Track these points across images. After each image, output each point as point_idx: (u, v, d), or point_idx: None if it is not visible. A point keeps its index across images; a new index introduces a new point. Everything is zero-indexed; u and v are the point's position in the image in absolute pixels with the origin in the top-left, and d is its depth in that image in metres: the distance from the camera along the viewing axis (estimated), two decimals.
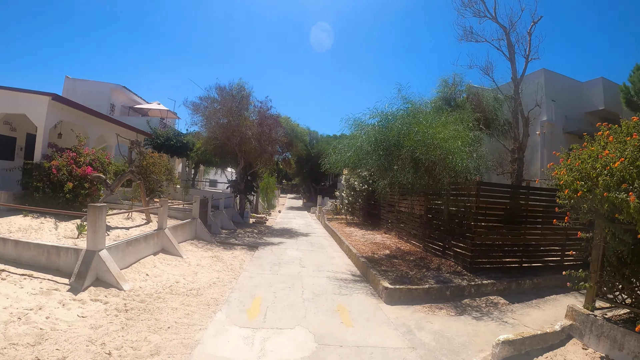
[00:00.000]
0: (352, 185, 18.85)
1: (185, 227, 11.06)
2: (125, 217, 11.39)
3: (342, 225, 18.14)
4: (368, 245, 12.14)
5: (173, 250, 9.27)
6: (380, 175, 11.10)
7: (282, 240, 13.67)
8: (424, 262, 9.81)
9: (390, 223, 15.38)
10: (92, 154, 12.33)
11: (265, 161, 18.42)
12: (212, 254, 10.12)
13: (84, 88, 27.78)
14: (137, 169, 17.29)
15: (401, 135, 9.19)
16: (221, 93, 16.01)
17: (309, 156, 38.69)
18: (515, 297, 8.05)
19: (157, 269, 7.92)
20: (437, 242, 10.71)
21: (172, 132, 23.35)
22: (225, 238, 12.96)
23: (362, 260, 9.46)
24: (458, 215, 9.78)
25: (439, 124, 9.33)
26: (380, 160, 8.90)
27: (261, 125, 16.07)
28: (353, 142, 9.38)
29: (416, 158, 8.92)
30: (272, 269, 8.91)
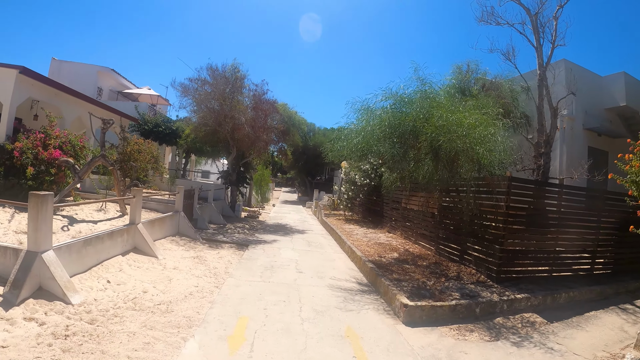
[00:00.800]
0: (353, 180, 17.45)
1: (164, 222, 9.62)
2: (98, 209, 9.94)
3: (341, 222, 16.77)
4: (372, 246, 10.76)
5: (147, 250, 7.85)
6: (390, 168, 9.73)
7: (275, 238, 12.27)
8: (439, 269, 8.48)
9: (395, 221, 14.02)
10: (64, 136, 10.84)
11: (260, 150, 16.95)
12: (194, 253, 8.70)
13: (70, 70, 26.15)
14: (120, 155, 15.99)
15: (419, 120, 7.82)
16: (213, 74, 14.52)
17: (306, 148, 37.32)
18: (552, 315, 6.79)
19: (123, 273, 6.49)
20: (453, 245, 9.36)
21: (162, 118, 21.86)
22: (212, 234, 11.53)
23: (370, 265, 8.08)
24: (482, 215, 8.43)
25: (466, 108, 7.96)
26: (395, 149, 7.50)
27: (256, 110, 14.59)
28: (363, 126, 7.97)
29: (437, 147, 7.55)
30: (264, 274, 7.50)
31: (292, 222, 18.23)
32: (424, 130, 7.60)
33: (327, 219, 17.64)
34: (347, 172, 18.55)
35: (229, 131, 15.10)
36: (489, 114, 8.24)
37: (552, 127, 11.45)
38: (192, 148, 21.31)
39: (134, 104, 22.86)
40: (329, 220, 17.37)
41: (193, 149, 21.55)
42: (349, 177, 18.04)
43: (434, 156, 7.77)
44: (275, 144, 17.63)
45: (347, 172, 18.42)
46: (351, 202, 18.27)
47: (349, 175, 18.08)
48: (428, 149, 7.68)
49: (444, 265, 8.85)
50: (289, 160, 23.78)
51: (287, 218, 19.98)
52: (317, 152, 39.11)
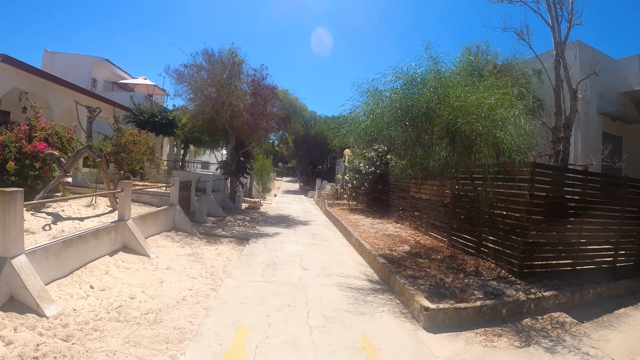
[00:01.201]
0: (357, 168, 16.75)
1: (158, 217, 8.97)
2: (87, 204, 9.29)
3: (345, 212, 16.11)
4: (381, 238, 10.12)
5: (137, 248, 7.21)
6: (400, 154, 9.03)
7: (277, 231, 11.62)
8: (456, 263, 7.84)
9: (402, 211, 13.36)
10: (51, 128, 10.15)
11: (259, 139, 16.22)
12: (190, 250, 8.06)
13: (63, 62, 25.42)
14: (114, 147, 15.31)
15: (433, 102, 7.10)
16: (209, 60, 13.73)
17: (307, 137, 36.63)
18: (581, 313, 6.21)
19: (109, 276, 5.85)
20: (469, 236, 8.71)
21: (158, 108, 21.13)
22: (210, 228, 10.88)
23: (382, 260, 7.43)
24: (502, 205, 7.76)
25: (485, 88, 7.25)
26: (407, 133, 6.79)
27: (255, 96, 13.82)
28: (371, 109, 7.25)
29: (454, 130, 6.85)
30: (266, 272, 6.85)
31: (295, 212, 17.59)
32: (440, 112, 6.90)
33: (331, 209, 17.00)
34: (350, 160, 17.85)
35: (227, 119, 14.37)
36: (510, 94, 7.54)
37: (572, 110, 10.71)
38: (190, 138, 20.59)
39: (129, 94, 22.13)
40: (332, 210, 16.72)
41: (191, 139, 20.84)
42: (353, 165, 17.34)
43: (450, 141, 7.07)
44: (275, 132, 16.89)
45: (351, 160, 17.71)
46: (355, 191, 17.60)
47: (353, 164, 17.38)
48: (443, 132, 6.99)
49: (460, 259, 8.22)
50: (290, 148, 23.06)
51: (289, 208, 19.34)
52: (319, 141, 38.58)
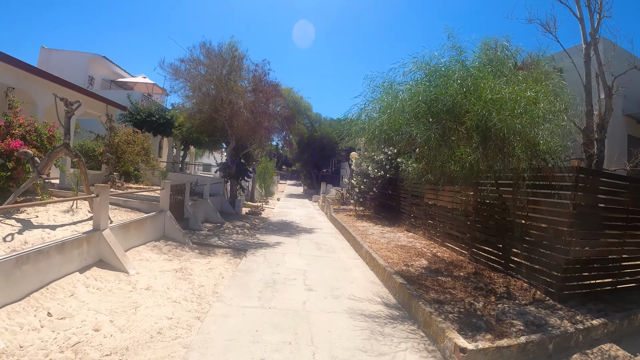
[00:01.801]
0: (365, 172, 15.71)
1: (144, 225, 7.96)
2: (67, 210, 8.32)
3: (352, 219, 15.06)
4: (394, 250, 9.07)
5: (114, 263, 6.20)
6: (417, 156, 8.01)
7: (279, 240, 10.58)
8: (483, 282, 6.80)
9: (415, 219, 12.30)
10: (30, 125, 9.20)
11: (261, 139, 15.19)
12: (178, 264, 7.04)
13: (59, 59, 24.59)
14: (107, 147, 14.36)
15: (460, 95, 6.07)
16: (208, 54, 12.75)
17: (311, 140, 35.72)
18: (632, 344, 5.25)
19: (74, 300, 4.85)
20: (495, 250, 7.66)
21: (155, 107, 20.18)
22: (205, 237, 9.86)
23: (399, 280, 6.37)
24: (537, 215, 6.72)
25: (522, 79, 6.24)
26: (431, 130, 5.74)
27: (256, 92, 12.80)
28: (389, 102, 6.21)
29: (487, 128, 5.82)
30: (263, 295, 5.79)
31: (298, 218, 16.54)
32: (469, 106, 5.86)
33: (337, 215, 15.95)
34: (358, 163, 16.81)
35: (226, 118, 13.38)
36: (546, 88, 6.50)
37: (607, 109, 9.67)
38: (188, 138, 19.60)
39: (126, 93, 21.19)
40: (338, 216, 15.68)
41: (189, 139, 19.86)
42: (361, 169, 16.30)
43: (482, 140, 6.02)
44: (278, 132, 15.84)
45: (359, 163, 16.68)
46: (363, 197, 16.55)
47: (361, 167, 16.34)
48: (474, 131, 5.94)
49: (486, 277, 7.18)
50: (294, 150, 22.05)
51: (293, 214, 18.30)
52: (323, 144, 37.63)
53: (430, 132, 5.72)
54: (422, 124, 5.89)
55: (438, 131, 5.83)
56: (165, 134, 19.60)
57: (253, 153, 17.80)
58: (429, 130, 5.74)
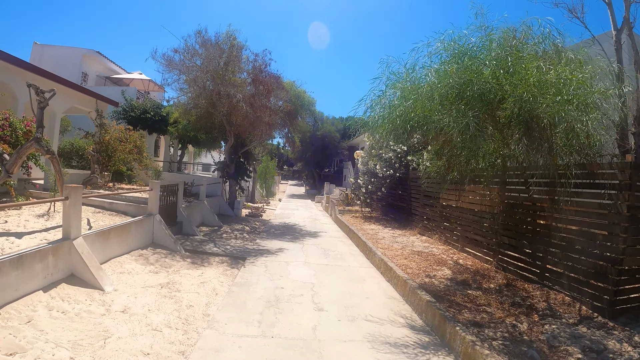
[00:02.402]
0: (372, 171, 14.70)
1: (128, 231, 6.97)
2: (42, 214, 7.36)
3: (359, 221, 14.07)
4: (410, 257, 8.09)
5: (88, 277, 5.23)
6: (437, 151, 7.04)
7: (282, 246, 9.58)
8: (519, 296, 5.83)
9: (429, 221, 11.31)
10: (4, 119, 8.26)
11: (262, 136, 14.19)
12: (165, 277, 6.05)
13: (52, 55, 23.67)
14: (97, 145, 13.39)
15: (495, 79, 5.10)
16: (204, 44, 11.76)
17: (313, 139, 34.84)
18: None
19: (31, 328, 3.87)
20: (528, 258, 6.67)
21: (150, 103, 19.20)
22: (200, 242, 8.87)
23: (425, 296, 5.37)
24: (582, 218, 5.74)
25: (568, 61, 5.26)
26: (468, 118, 4.76)
27: (255, 84, 11.79)
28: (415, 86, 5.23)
29: (530, 117, 4.84)
30: (264, 317, 4.79)
31: (302, 220, 15.55)
32: (511, 90, 4.88)
33: (342, 217, 14.97)
34: (364, 162, 15.80)
35: (224, 113, 12.39)
36: (599, 70, 5.53)
37: None
38: (185, 137, 18.61)
39: (120, 89, 20.21)
40: (344, 218, 14.69)
41: (186, 137, 18.87)
42: (368, 168, 15.29)
43: (526, 131, 5.04)
44: (280, 129, 14.83)
45: (365, 162, 15.67)
46: (370, 197, 15.55)
47: (367, 166, 15.33)
48: (515, 119, 4.96)
49: (520, 289, 6.21)
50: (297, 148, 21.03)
51: (296, 216, 17.30)
52: (326, 143, 36.69)
53: (467, 120, 4.73)
54: (455, 112, 4.90)
55: (475, 120, 4.83)
56: (161, 132, 18.64)
57: (253, 151, 16.81)
58: (465, 118, 4.75)
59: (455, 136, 5.06)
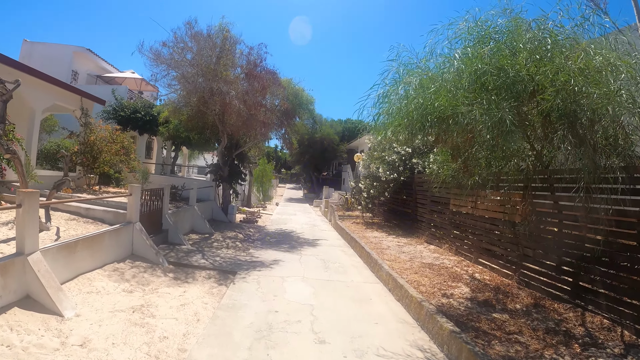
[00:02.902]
0: (375, 174, 13.85)
1: (101, 242, 6.08)
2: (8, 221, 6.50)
3: (361, 228, 13.22)
4: (421, 270, 7.24)
5: (45, 300, 4.36)
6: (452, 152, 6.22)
7: (278, 257, 8.71)
8: (552, 320, 5.03)
9: (437, 229, 10.46)
10: None
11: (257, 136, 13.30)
12: (139, 298, 5.17)
13: (42, 53, 22.83)
14: (82, 146, 12.53)
15: (525, 68, 4.27)
16: (195, 37, 10.91)
17: (312, 141, 34.02)
18: None
19: None
20: (555, 273, 5.85)
21: (141, 103, 18.35)
22: (186, 254, 7.99)
23: (447, 324, 4.50)
24: (626, 230, 4.91)
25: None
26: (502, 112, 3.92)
27: (249, 79, 10.91)
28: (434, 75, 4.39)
29: (573, 111, 4.02)
30: (254, 354, 3.87)
31: (299, 227, 14.67)
32: (553, 77, 4.05)
33: (342, 223, 14.10)
34: (366, 165, 14.96)
35: (217, 112, 11.54)
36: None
37: None
38: (177, 137, 17.72)
39: (111, 88, 19.33)
40: (344, 224, 13.83)
41: (177, 138, 17.98)
42: (370, 171, 14.43)
43: (570, 127, 4.20)
44: (277, 129, 13.94)
45: (367, 165, 14.83)
46: (372, 202, 14.70)
47: (369, 169, 14.48)
48: (557, 113, 4.12)
49: (551, 310, 5.40)
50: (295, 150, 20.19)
51: (293, 221, 16.42)
52: (324, 146, 35.81)
53: (501, 113, 3.89)
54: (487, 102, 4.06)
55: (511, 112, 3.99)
56: (152, 133, 17.76)
57: (248, 153, 15.95)
58: (500, 111, 3.91)
59: (485, 132, 4.22)
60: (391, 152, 13.45)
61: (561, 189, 6.00)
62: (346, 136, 40.21)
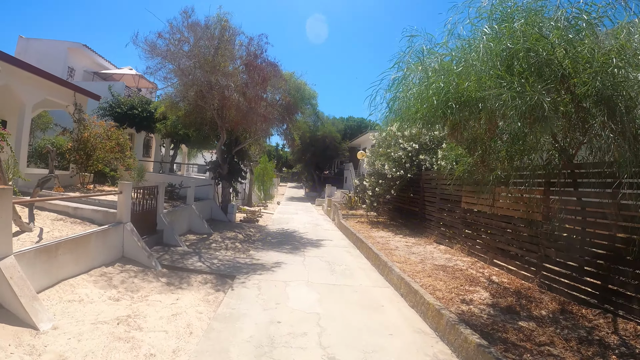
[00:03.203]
0: (380, 171, 13.31)
1: (86, 244, 5.56)
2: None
3: (366, 227, 12.70)
4: (434, 273, 6.73)
5: (18, 310, 3.86)
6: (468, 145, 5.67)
7: (279, 259, 8.19)
8: (582, 327, 4.58)
9: (446, 227, 9.95)
10: None
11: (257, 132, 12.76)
12: (126, 307, 4.65)
13: (38, 49, 22.33)
14: (75, 143, 12.04)
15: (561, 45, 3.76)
16: (192, 27, 10.38)
17: (313, 139, 33.55)
18: None
19: None
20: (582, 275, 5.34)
21: (138, 99, 17.84)
22: (181, 256, 7.47)
23: (471, 336, 3.97)
24: None
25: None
26: (537, 96, 3.39)
27: (249, 69, 10.36)
28: (468, 46, 3.87)
29: (609, 96, 3.51)
30: None
31: (302, 227, 14.14)
32: (588, 60, 3.54)
33: (346, 222, 13.58)
34: (370, 162, 14.42)
35: (215, 107, 11.03)
36: None
37: None
38: (174, 134, 17.20)
39: (107, 84, 18.81)
40: (348, 223, 13.31)
41: (175, 135, 17.46)
42: (374, 169, 13.89)
43: (609, 112, 3.67)
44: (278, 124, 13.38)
45: (371, 162, 14.28)
46: (377, 200, 14.17)
47: (374, 166, 13.93)
48: (595, 98, 3.59)
49: (579, 316, 4.93)
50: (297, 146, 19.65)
51: (295, 221, 15.90)
52: (326, 144, 35.29)
53: (538, 97, 3.36)
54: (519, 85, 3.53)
55: (548, 96, 3.46)
56: (149, 130, 17.25)
57: (249, 150, 15.41)
58: (536, 94, 3.38)
59: (516, 119, 3.69)
60: (397, 148, 12.92)
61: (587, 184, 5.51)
62: (348, 134, 39.71)
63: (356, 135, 34.18)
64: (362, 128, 39.59)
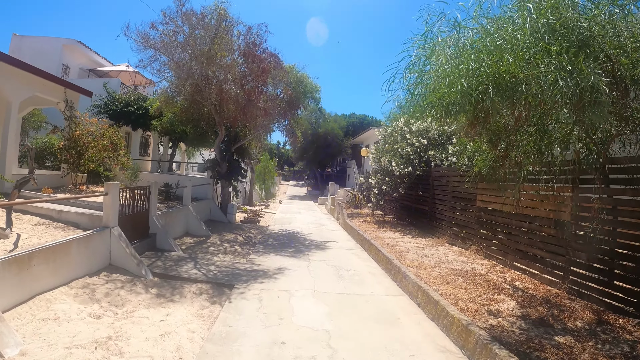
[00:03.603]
0: (387, 168, 12.69)
1: (66, 253, 4.96)
2: None
3: (372, 227, 12.11)
4: (452, 279, 6.13)
5: None
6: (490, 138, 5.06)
7: (282, 263, 7.60)
8: (623, 340, 4.13)
9: (459, 227, 9.35)
10: None
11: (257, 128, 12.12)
12: (106, 327, 4.05)
13: (31, 46, 21.72)
14: (67, 142, 11.46)
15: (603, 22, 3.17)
16: (187, 16, 9.75)
17: (315, 137, 33.06)
18: None
19: None
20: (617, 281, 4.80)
21: (134, 96, 17.25)
22: (175, 262, 6.88)
23: (508, 358, 3.40)
24: None
25: None
26: (593, 77, 2.79)
27: (248, 60, 9.73)
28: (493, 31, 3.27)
29: None
30: None
31: (305, 227, 13.55)
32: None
33: (352, 222, 12.99)
34: (376, 159, 13.79)
35: (213, 101, 10.43)
36: None
37: None
38: (171, 132, 16.59)
39: (102, 81, 18.20)
40: (354, 223, 12.71)
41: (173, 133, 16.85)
42: (380, 166, 13.27)
43: None
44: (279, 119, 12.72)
45: (377, 159, 13.66)
46: (383, 199, 13.56)
47: (380, 163, 13.31)
48: None
49: (618, 327, 4.47)
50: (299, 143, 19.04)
51: (298, 221, 15.30)
52: (328, 141, 34.71)
53: (594, 77, 2.76)
54: (568, 65, 2.93)
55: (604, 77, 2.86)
56: (145, 128, 16.64)
57: (249, 148, 14.79)
58: (591, 74, 2.78)
59: (561, 104, 3.08)
60: (404, 144, 12.31)
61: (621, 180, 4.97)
62: (350, 131, 39.12)
63: (358, 132, 33.57)
64: (364, 125, 39.01)
